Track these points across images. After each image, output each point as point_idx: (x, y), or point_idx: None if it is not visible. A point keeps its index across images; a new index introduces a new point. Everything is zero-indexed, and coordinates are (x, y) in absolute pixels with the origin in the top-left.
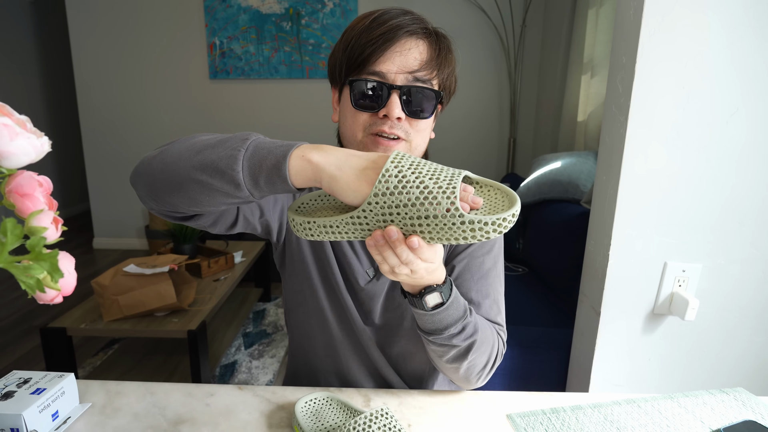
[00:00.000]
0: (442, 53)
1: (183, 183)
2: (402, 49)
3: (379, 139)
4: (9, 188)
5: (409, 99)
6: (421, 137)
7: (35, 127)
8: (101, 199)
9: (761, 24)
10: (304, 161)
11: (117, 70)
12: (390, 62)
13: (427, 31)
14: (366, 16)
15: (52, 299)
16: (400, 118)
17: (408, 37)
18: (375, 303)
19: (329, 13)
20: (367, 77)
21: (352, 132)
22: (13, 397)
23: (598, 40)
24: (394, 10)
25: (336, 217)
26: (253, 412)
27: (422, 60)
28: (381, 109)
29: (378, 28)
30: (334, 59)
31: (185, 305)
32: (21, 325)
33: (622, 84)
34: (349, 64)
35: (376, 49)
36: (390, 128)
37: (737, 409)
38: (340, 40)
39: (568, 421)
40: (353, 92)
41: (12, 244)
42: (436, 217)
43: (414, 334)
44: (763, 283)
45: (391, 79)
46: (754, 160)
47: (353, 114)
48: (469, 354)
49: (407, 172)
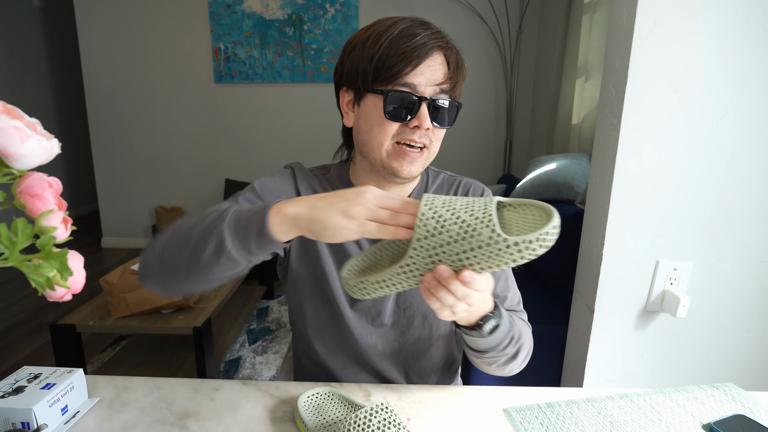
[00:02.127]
0: (460, 66)
1: (188, 278)
2: (432, 63)
3: (406, 150)
4: (20, 189)
5: (436, 110)
6: (437, 144)
7: (45, 130)
8: (109, 200)
9: (750, 30)
10: (281, 217)
11: (124, 74)
12: (421, 75)
13: (449, 45)
14: (390, 25)
15: (62, 297)
16: (429, 128)
17: (439, 51)
18: (384, 305)
19: (331, 19)
20: (401, 89)
21: (378, 140)
22: (24, 391)
23: (592, 45)
24: (413, 20)
25: (386, 271)
26: (256, 407)
27: (445, 73)
28: (412, 120)
29: (411, 39)
30: (355, 65)
31: (191, 303)
32: (31, 321)
33: (615, 88)
34: (377, 73)
35: (412, 61)
36: (419, 137)
37: (727, 403)
38: (362, 46)
39: (563, 415)
40: (387, 102)
41: (23, 243)
42: (481, 247)
43: (424, 334)
44: (752, 281)
45: (420, 91)
46: (743, 162)
47: (382, 123)
48: (518, 355)
49: (442, 211)
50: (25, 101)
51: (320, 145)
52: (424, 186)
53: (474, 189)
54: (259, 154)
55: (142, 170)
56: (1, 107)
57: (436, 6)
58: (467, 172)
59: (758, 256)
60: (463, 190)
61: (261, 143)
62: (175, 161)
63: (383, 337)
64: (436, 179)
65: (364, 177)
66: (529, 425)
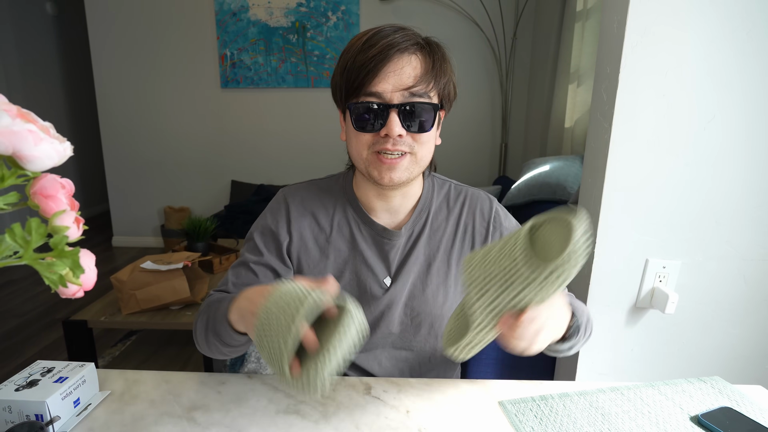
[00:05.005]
0: (437, 64)
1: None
2: (395, 68)
3: (382, 157)
4: (34, 190)
5: (408, 115)
6: (426, 149)
7: (58, 133)
8: (120, 200)
9: (736, 37)
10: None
11: (134, 79)
12: (385, 82)
13: (419, 44)
14: (360, 37)
15: (74, 294)
16: (401, 135)
17: (400, 54)
18: (394, 310)
19: (333, 27)
20: (364, 99)
21: (358, 151)
22: (38, 385)
23: (584, 52)
24: (387, 28)
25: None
26: (261, 399)
27: (416, 75)
28: (382, 129)
29: (370, 49)
30: (335, 82)
31: (198, 299)
32: (44, 317)
33: (607, 93)
34: (348, 87)
35: (371, 71)
36: (393, 146)
37: (714, 396)
38: (338, 63)
39: (556, 408)
40: (353, 115)
41: (36, 242)
42: (527, 286)
43: (430, 342)
44: (738, 279)
45: (387, 98)
46: (729, 164)
47: (356, 135)
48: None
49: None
50: (39, 105)
51: (322, 147)
52: (430, 197)
53: (481, 202)
54: (263, 156)
55: (152, 172)
56: (16, 111)
57: (434, 14)
58: (463, 173)
59: (744, 255)
60: (470, 202)
61: (265, 146)
62: (183, 163)
63: (390, 344)
64: (441, 190)
65: (363, 185)
66: (524, 417)
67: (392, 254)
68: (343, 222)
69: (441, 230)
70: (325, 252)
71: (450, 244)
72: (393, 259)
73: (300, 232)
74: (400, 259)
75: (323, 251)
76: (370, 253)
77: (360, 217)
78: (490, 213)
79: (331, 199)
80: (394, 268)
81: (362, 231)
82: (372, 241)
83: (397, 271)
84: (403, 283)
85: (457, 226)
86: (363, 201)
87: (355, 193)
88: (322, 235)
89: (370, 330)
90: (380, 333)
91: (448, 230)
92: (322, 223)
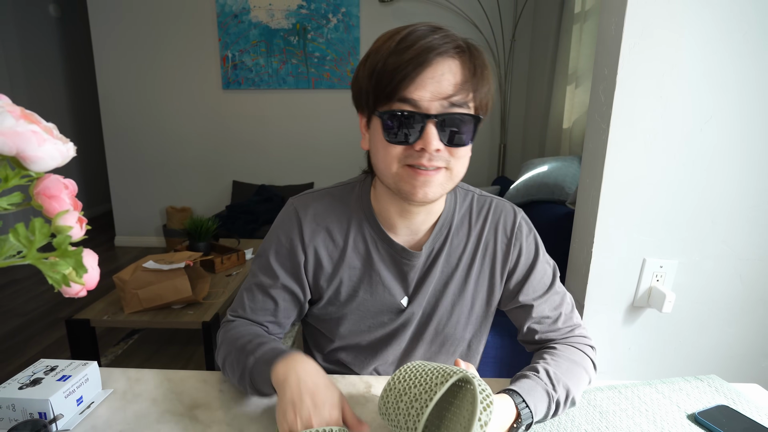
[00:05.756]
0: (478, 71)
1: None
2: (435, 74)
3: (418, 171)
4: (37, 190)
5: (447, 127)
6: (461, 164)
7: (61, 134)
8: (122, 201)
9: (732, 39)
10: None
11: (137, 80)
12: (422, 89)
13: (459, 48)
14: (391, 35)
15: (77, 293)
16: (439, 150)
17: (440, 59)
18: (408, 328)
19: (333, 29)
20: (399, 107)
21: (386, 164)
22: (41, 383)
23: (582, 54)
24: (421, 27)
25: None
26: (262, 398)
27: (457, 83)
28: (417, 142)
29: (406, 51)
30: (359, 86)
31: (200, 299)
32: (48, 316)
33: (605, 94)
34: (377, 92)
35: (407, 75)
36: (429, 161)
37: (711, 394)
38: (364, 64)
39: None
40: (384, 124)
41: (40, 241)
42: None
43: (449, 359)
44: (735, 278)
45: (424, 107)
46: (725, 164)
47: (385, 147)
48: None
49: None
50: (42, 107)
51: (322, 147)
52: (452, 211)
53: (505, 215)
54: (264, 156)
55: (154, 172)
56: (19, 112)
57: (434, 16)
58: None
59: (740, 254)
60: (492, 216)
61: (267, 146)
62: (185, 163)
63: (398, 356)
64: (464, 202)
65: (385, 200)
66: None
67: (411, 275)
68: (359, 238)
69: (461, 247)
70: (338, 268)
71: (469, 261)
72: (411, 280)
73: (315, 249)
74: (419, 278)
75: (336, 267)
76: (387, 273)
77: (378, 235)
78: (513, 227)
79: (346, 212)
80: (412, 288)
81: (380, 249)
82: (390, 260)
83: (414, 290)
84: (420, 302)
85: (478, 243)
86: (382, 216)
87: (373, 207)
88: (336, 251)
89: (383, 346)
90: (391, 350)
91: (469, 247)
92: (336, 239)
